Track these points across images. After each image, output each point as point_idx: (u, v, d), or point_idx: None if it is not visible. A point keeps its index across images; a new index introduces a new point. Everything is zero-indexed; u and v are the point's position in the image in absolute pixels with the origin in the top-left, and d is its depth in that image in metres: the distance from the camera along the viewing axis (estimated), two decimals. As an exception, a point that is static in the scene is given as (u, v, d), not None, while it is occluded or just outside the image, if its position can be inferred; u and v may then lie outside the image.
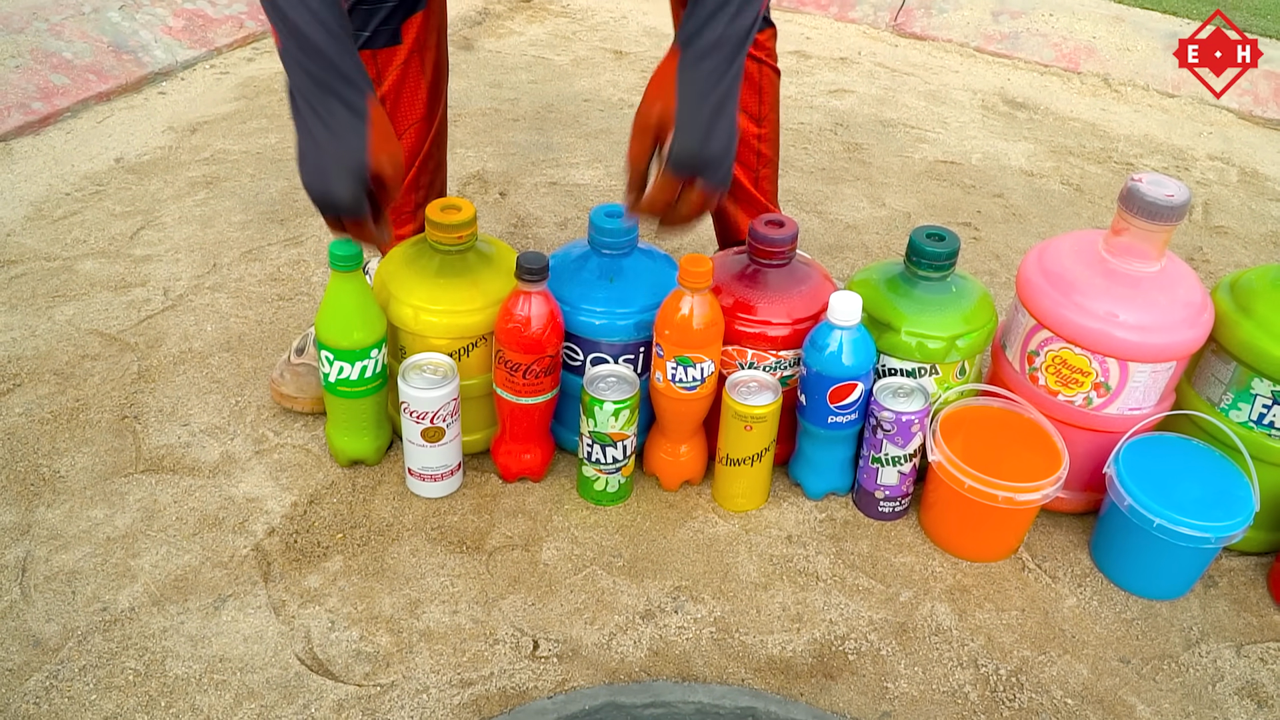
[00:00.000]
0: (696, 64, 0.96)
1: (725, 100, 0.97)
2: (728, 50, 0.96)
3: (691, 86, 0.96)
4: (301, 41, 0.92)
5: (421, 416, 1.14)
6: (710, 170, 0.98)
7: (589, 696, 1.00)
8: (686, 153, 0.96)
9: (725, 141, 0.98)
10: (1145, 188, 1.10)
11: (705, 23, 0.95)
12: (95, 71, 2.13)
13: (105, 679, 0.99)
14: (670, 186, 0.99)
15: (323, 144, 0.95)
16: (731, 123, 0.98)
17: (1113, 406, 1.16)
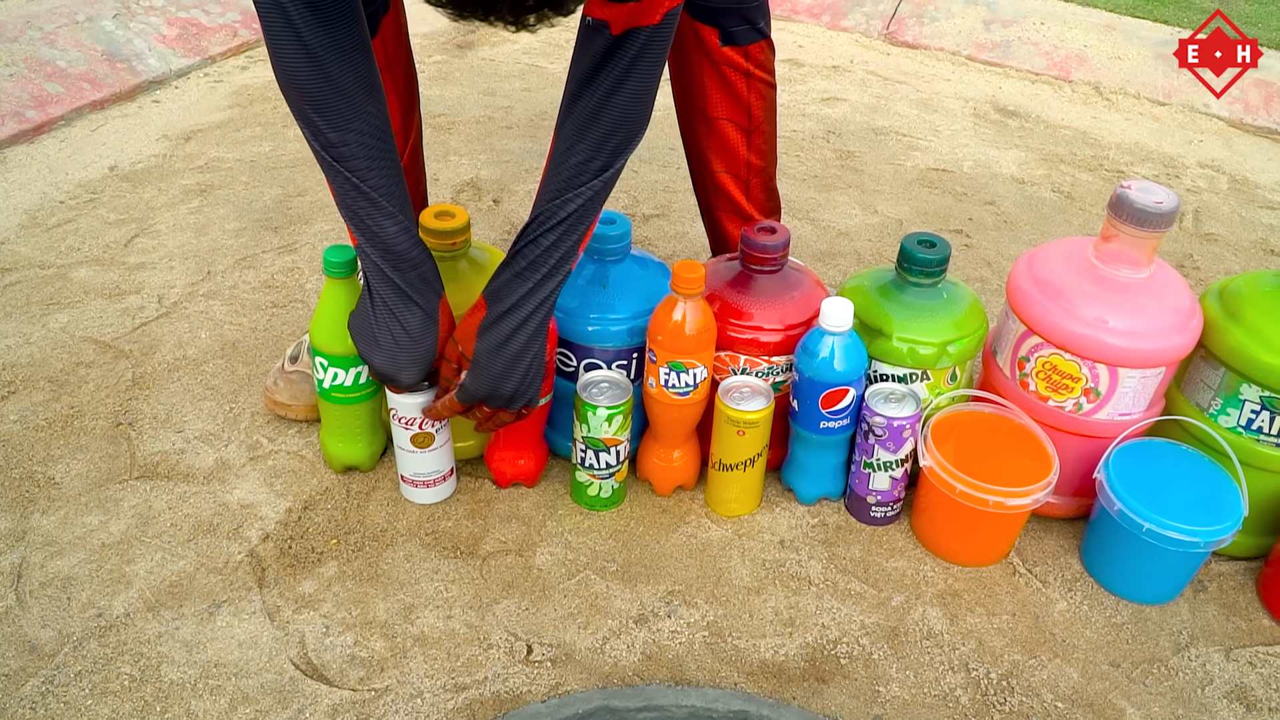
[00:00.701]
0: (497, 321, 1.05)
1: (522, 352, 1.06)
2: (526, 312, 1.05)
3: (487, 340, 1.06)
4: (386, 254, 1.03)
5: (409, 422, 1.15)
6: (494, 402, 1.08)
7: (582, 700, 1.01)
8: (470, 391, 1.08)
9: (517, 384, 1.07)
10: (1134, 195, 1.11)
11: (508, 284, 1.05)
12: (89, 80, 2.14)
13: (101, 684, 1.00)
14: (457, 406, 1.10)
15: (400, 342, 1.07)
16: (527, 365, 1.07)
17: (1103, 412, 1.17)
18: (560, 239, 1.03)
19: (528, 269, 1.04)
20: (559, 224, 1.02)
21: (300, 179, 1.90)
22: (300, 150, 2.00)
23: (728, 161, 1.36)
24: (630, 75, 0.97)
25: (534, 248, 1.04)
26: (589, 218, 1.04)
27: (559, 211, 1.02)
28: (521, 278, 1.04)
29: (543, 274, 1.04)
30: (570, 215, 1.02)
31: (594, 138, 1.00)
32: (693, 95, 1.34)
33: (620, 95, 0.97)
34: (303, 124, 0.97)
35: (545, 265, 1.04)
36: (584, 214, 1.03)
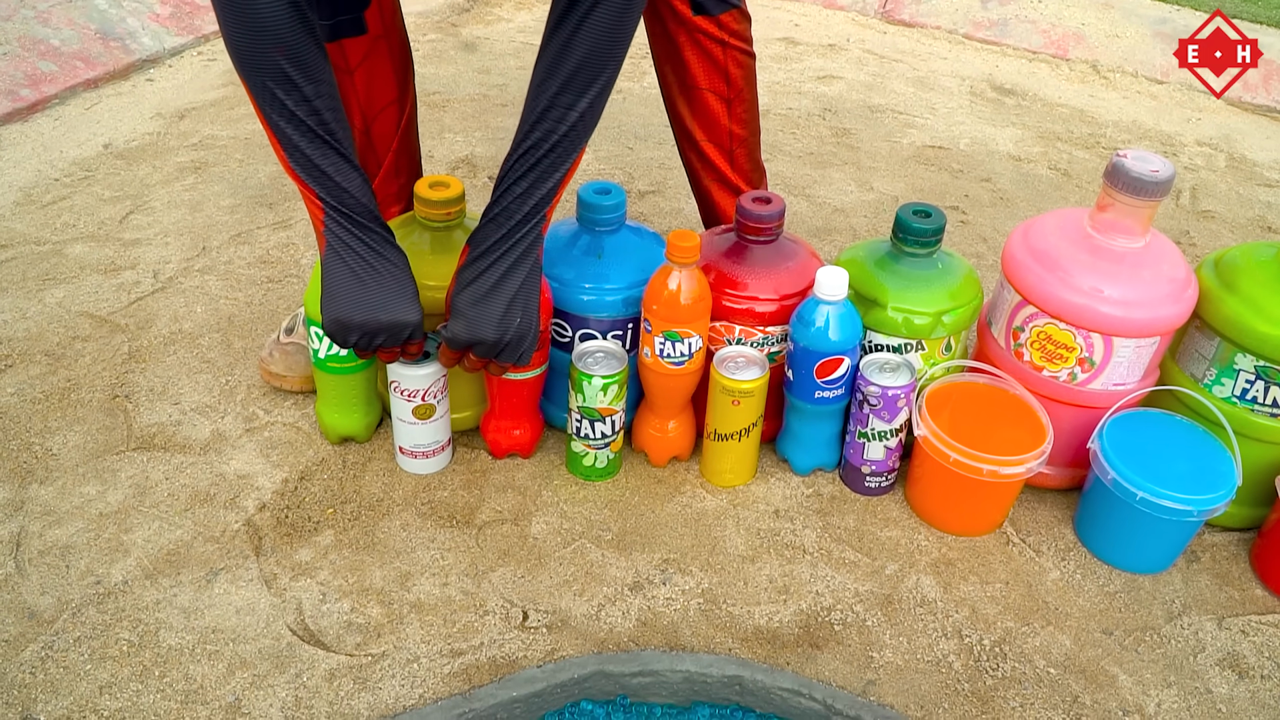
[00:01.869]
0: (471, 265, 1.06)
1: (493, 294, 1.05)
2: (499, 255, 1.05)
3: (462, 284, 1.07)
4: (355, 207, 1.02)
5: (412, 394, 1.15)
6: (480, 349, 1.08)
7: (578, 665, 1.01)
8: (450, 334, 1.08)
9: (498, 330, 1.06)
10: (1130, 163, 1.11)
11: (484, 229, 1.06)
12: (83, 59, 2.13)
13: (99, 649, 1.00)
14: (448, 354, 1.11)
15: (390, 281, 1.05)
16: (504, 310, 1.06)
17: (1097, 382, 1.17)
18: (533, 185, 1.03)
19: (501, 215, 1.04)
20: (531, 169, 1.02)
21: (296, 156, 1.89)
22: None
23: (710, 131, 1.37)
24: (598, 9, 0.96)
25: (508, 195, 1.04)
26: (562, 164, 1.04)
27: (530, 156, 1.02)
28: (495, 223, 1.05)
29: (516, 220, 1.04)
30: (541, 160, 1.02)
31: (562, 74, 0.99)
32: (672, 67, 1.35)
33: (587, 29, 0.97)
34: (274, 85, 0.94)
35: (519, 211, 1.04)
36: (556, 160, 1.03)
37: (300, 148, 0.98)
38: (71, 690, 0.96)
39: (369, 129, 1.25)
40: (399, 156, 1.29)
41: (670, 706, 1.03)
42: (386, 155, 1.28)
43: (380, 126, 1.25)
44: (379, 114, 1.24)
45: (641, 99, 2.23)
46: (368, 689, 0.98)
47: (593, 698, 1.02)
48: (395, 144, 1.27)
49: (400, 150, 1.29)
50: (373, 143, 1.26)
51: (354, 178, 1.01)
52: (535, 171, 1.03)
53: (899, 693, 1.02)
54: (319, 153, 0.98)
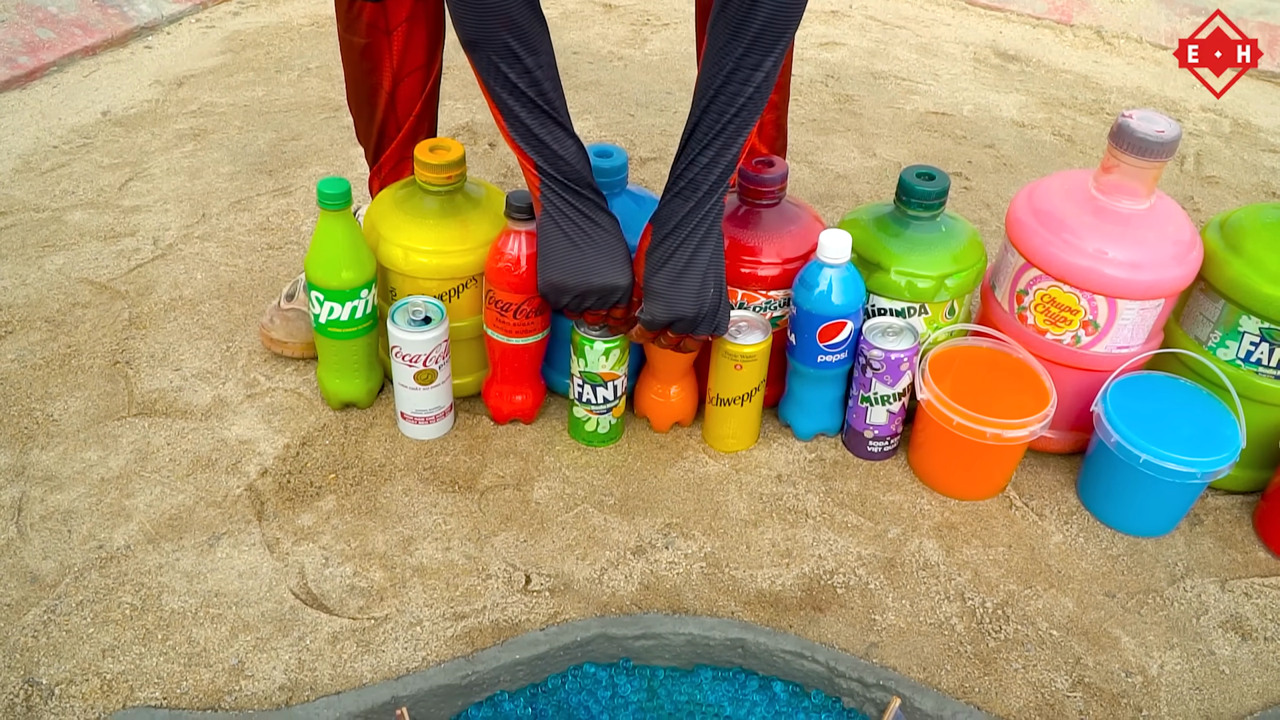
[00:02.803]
0: (660, 243, 1.06)
1: (686, 270, 1.05)
2: (688, 230, 1.04)
3: (654, 263, 1.06)
4: (570, 173, 1.04)
5: (414, 360, 1.15)
6: (679, 326, 1.08)
7: (581, 628, 1.01)
8: (649, 316, 1.08)
9: (694, 305, 1.06)
10: (1135, 123, 1.11)
11: (669, 205, 1.06)
12: (81, 26, 2.12)
13: (102, 613, 1.00)
14: (643, 335, 1.11)
15: (603, 245, 1.07)
16: (698, 285, 1.06)
17: (1101, 345, 1.16)
18: (719, 154, 1.02)
19: (687, 188, 1.04)
20: (716, 136, 1.02)
21: (294, 123, 1.88)
22: (294, 95, 1.98)
23: None
24: None
25: (692, 166, 1.03)
26: (746, 129, 1.02)
27: (715, 122, 1.01)
28: (682, 197, 1.04)
29: (704, 190, 1.04)
30: (726, 126, 1.01)
31: (748, 35, 0.97)
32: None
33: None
34: (499, 59, 0.98)
35: (706, 183, 1.03)
36: (741, 125, 1.02)
37: (521, 118, 1.01)
38: (74, 654, 0.96)
39: (395, 90, 1.24)
40: (420, 121, 1.28)
41: (673, 669, 1.03)
42: (408, 119, 1.27)
43: (406, 89, 1.25)
44: (407, 76, 1.24)
45: (643, 65, 2.22)
46: (370, 652, 0.98)
47: (595, 660, 1.02)
48: (418, 108, 1.27)
49: (421, 115, 1.28)
50: (396, 104, 1.25)
51: (570, 146, 1.04)
52: (721, 139, 1.02)
53: (901, 655, 1.02)
54: (538, 123, 1.02)
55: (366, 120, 1.29)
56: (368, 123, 1.29)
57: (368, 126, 1.29)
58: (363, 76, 1.24)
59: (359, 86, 1.26)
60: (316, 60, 2.13)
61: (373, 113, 1.26)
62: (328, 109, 1.94)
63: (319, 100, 1.97)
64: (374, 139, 1.29)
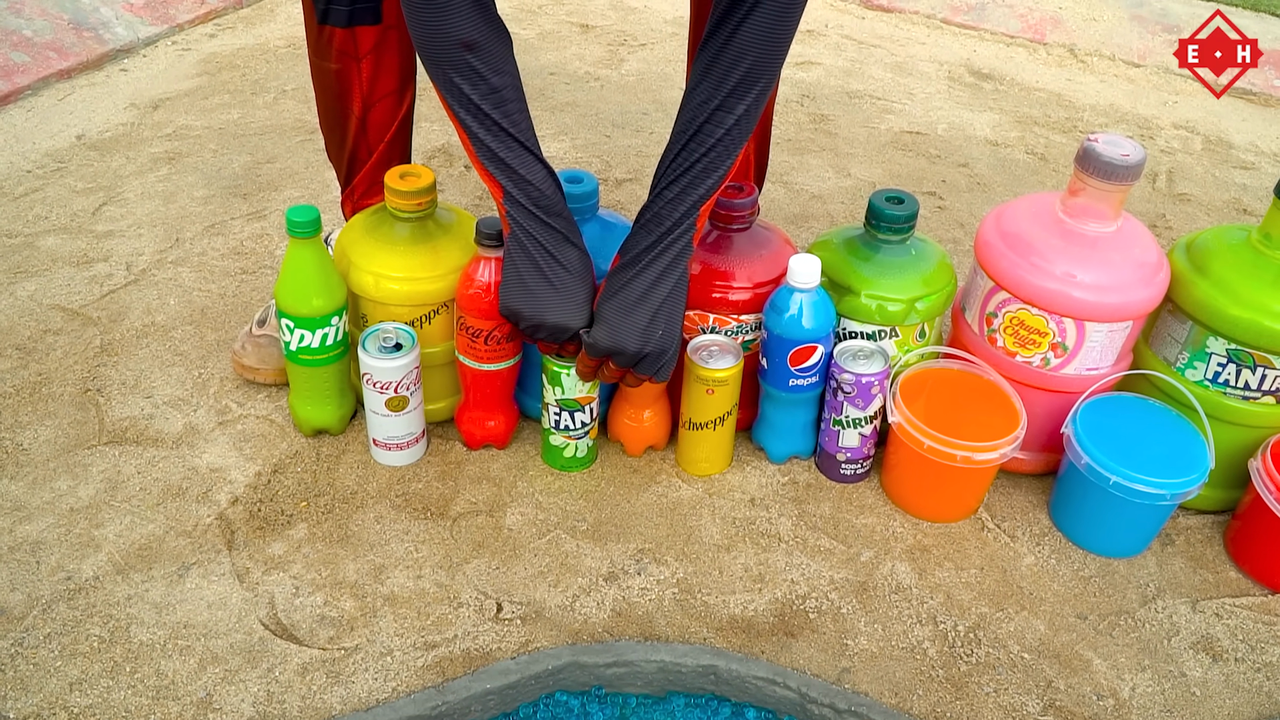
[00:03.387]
0: (618, 273, 1.06)
1: (640, 304, 1.05)
2: (646, 264, 1.04)
3: (608, 291, 1.06)
4: (540, 199, 1.03)
5: (385, 387, 1.14)
6: (620, 359, 1.07)
7: (552, 657, 1.01)
8: (591, 340, 1.07)
9: (639, 340, 1.05)
10: (1101, 148, 1.11)
11: (633, 237, 1.06)
12: (56, 49, 2.11)
13: (70, 645, 0.99)
14: (586, 362, 1.10)
15: (564, 284, 1.05)
16: (648, 321, 1.05)
17: (1070, 367, 1.17)
18: (685, 190, 1.02)
19: (651, 220, 1.04)
20: (684, 173, 1.02)
21: (269, 146, 1.88)
22: (269, 118, 1.98)
23: None
24: (759, 8, 0.94)
25: (658, 201, 1.03)
26: (716, 169, 1.02)
27: (684, 160, 1.01)
28: (645, 229, 1.04)
29: (667, 225, 1.03)
30: (694, 164, 1.01)
31: (716, 75, 0.98)
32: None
33: (748, 29, 0.95)
34: (460, 80, 0.96)
35: (670, 217, 1.03)
36: (710, 165, 1.01)
37: (484, 141, 1.00)
38: (41, 687, 0.96)
39: (366, 116, 1.24)
40: (391, 147, 1.29)
41: (645, 696, 1.03)
42: (379, 144, 1.27)
43: (377, 115, 1.25)
44: (378, 102, 1.24)
45: (620, 86, 2.23)
46: (340, 683, 0.98)
47: (568, 689, 1.02)
48: (390, 134, 1.27)
49: (394, 141, 1.28)
50: (367, 130, 1.25)
51: (537, 170, 1.02)
52: (688, 176, 1.02)
53: (874, 680, 1.02)
54: (502, 146, 1.00)
55: (338, 145, 1.29)
56: (339, 147, 1.29)
57: (339, 151, 1.29)
58: (333, 101, 1.24)
59: (330, 111, 1.26)
60: (293, 82, 2.13)
61: (343, 138, 1.27)
62: (303, 131, 1.94)
63: (295, 123, 1.97)
64: (345, 163, 1.29)
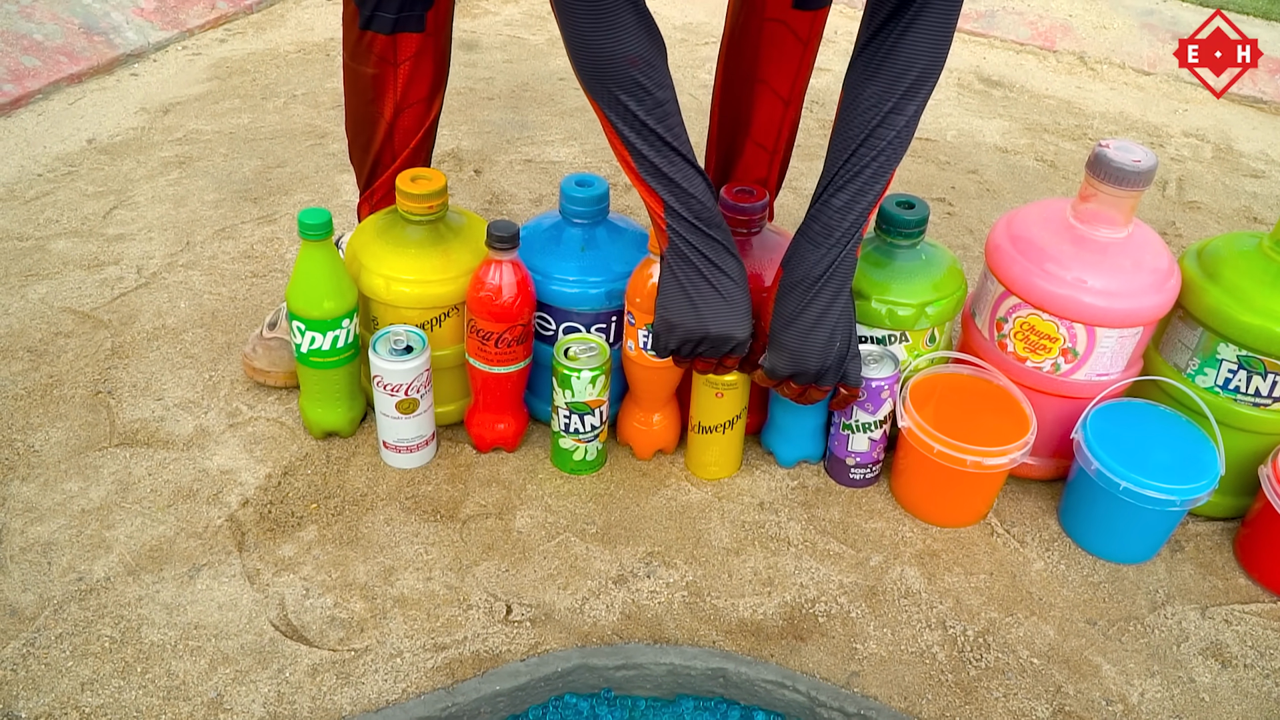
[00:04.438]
0: (789, 292, 1.05)
1: (818, 323, 1.04)
2: (819, 280, 1.03)
3: (781, 312, 1.05)
4: (701, 210, 1.01)
5: (395, 389, 1.15)
6: (800, 378, 1.07)
7: (561, 659, 1.01)
8: (770, 367, 1.07)
9: (819, 359, 1.05)
10: (1112, 153, 1.11)
11: (800, 250, 1.04)
12: (66, 53, 2.12)
13: (81, 646, 1.00)
14: (765, 382, 1.10)
15: (727, 293, 1.04)
16: (827, 337, 1.04)
17: (1080, 372, 1.17)
18: (854, 199, 1.01)
19: (820, 234, 1.02)
20: (853, 179, 1.01)
21: (279, 150, 1.89)
22: (280, 122, 1.98)
23: (761, 133, 1.37)
24: (930, 6, 0.94)
25: (825, 210, 1.02)
26: (885, 174, 1.01)
27: (851, 169, 1.00)
28: (814, 243, 1.03)
29: (837, 235, 1.02)
30: (864, 169, 1.00)
31: (886, 77, 0.97)
32: (744, 55, 1.33)
33: (918, 29, 0.95)
34: (627, 98, 0.95)
35: (840, 226, 1.02)
36: (879, 170, 1.00)
37: (648, 157, 0.99)
38: (53, 687, 0.96)
39: (395, 121, 1.24)
40: (416, 153, 1.29)
41: (654, 699, 1.03)
42: (405, 150, 1.28)
43: (406, 120, 1.25)
44: (409, 109, 1.24)
45: (628, 92, 2.23)
46: (350, 684, 0.98)
47: (576, 691, 1.02)
48: (416, 140, 1.27)
49: (419, 146, 1.28)
50: (394, 135, 1.26)
51: (699, 183, 1.01)
52: (859, 181, 1.01)
53: (883, 684, 1.02)
54: (666, 160, 0.99)
55: (363, 148, 1.29)
56: (364, 150, 1.29)
57: (363, 154, 1.29)
58: (365, 105, 1.24)
59: (359, 114, 1.26)
60: (303, 87, 2.13)
61: (370, 141, 1.27)
62: (313, 136, 1.94)
63: (305, 127, 1.98)
64: (368, 166, 1.29)
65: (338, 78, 2.15)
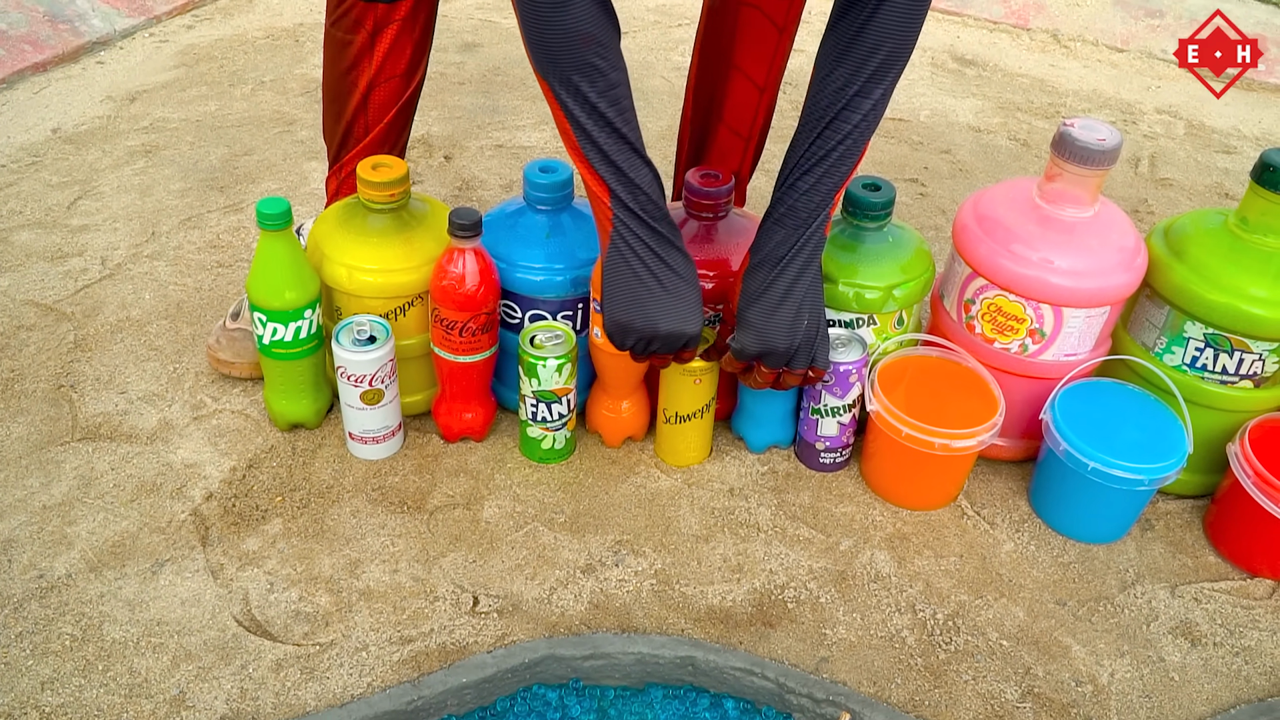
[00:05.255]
0: (754, 272, 1.05)
1: (783, 301, 1.04)
2: (784, 260, 1.03)
3: (748, 292, 1.05)
4: (646, 201, 1.00)
5: (359, 379, 1.13)
6: (770, 360, 1.07)
7: (529, 650, 1.00)
8: (739, 346, 1.07)
9: (788, 338, 1.05)
10: (1077, 132, 1.11)
11: (766, 232, 1.05)
12: (31, 42, 2.09)
13: (42, 644, 0.99)
14: (733, 365, 1.10)
15: (673, 288, 1.03)
16: (793, 317, 1.04)
17: (1048, 353, 1.17)
18: (819, 181, 1.01)
19: (786, 214, 1.03)
20: (818, 163, 1.00)
21: (247, 138, 1.87)
22: (247, 109, 1.96)
23: (735, 119, 1.35)
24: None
25: (791, 193, 1.02)
26: (850, 159, 1.01)
27: (816, 152, 1.00)
28: (781, 224, 1.03)
29: (802, 217, 1.02)
30: (830, 153, 1.00)
31: (854, 59, 0.96)
32: (720, 40, 1.31)
33: (886, 11, 0.94)
34: (580, 79, 0.94)
35: (803, 210, 1.02)
36: (846, 152, 1.00)
37: (597, 142, 0.97)
38: (12, 687, 0.95)
39: (370, 93, 1.22)
40: (389, 130, 1.26)
41: (624, 688, 1.03)
42: (377, 126, 1.25)
43: (381, 94, 1.23)
44: (384, 82, 1.22)
45: (600, 75, 2.21)
46: (315, 679, 0.97)
47: (545, 682, 1.02)
48: (389, 117, 1.25)
49: (392, 124, 1.26)
50: (368, 107, 1.23)
51: (645, 173, 1.00)
52: (824, 165, 1.00)
53: (852, 669, 1.02)
54: (615, 147, 0.98)
55: (335, 117, 1.26)
56: (335, 120, 1.26)
57: (335, 123, 1.27)
58: (340, 73, 1.22)
59: (334, 82, 1.24)
60: (271, 74, 2.11)
61: (342, 110, 1.24)
62: (281, 123, 1.92)
63: (273, 114, 1.95)
64: (339, 137, 1.27)
65: (307, 64, 2.13)
